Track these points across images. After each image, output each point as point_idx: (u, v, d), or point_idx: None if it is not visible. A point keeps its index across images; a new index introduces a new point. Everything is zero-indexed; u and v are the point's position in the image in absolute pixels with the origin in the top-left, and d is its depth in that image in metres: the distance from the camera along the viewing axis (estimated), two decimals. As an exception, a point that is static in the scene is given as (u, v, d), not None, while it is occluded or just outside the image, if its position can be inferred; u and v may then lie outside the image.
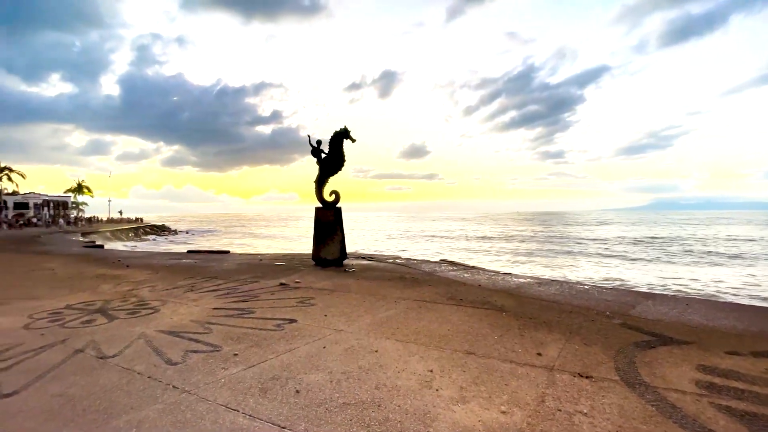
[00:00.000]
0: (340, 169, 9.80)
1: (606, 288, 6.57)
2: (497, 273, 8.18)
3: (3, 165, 41.91)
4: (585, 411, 2.49)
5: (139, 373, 3.08)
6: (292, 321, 4.51)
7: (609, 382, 2.90)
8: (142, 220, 55.79)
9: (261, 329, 4.21)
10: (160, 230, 48.31)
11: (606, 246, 32.69)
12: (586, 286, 6.70)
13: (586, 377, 2.99)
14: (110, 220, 51.75)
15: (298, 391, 2.76)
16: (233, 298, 5.81)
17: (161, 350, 3.59)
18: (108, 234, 33.12)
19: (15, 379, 2.97)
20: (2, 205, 41.34)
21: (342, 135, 9.57)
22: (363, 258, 10.51)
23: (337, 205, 9.45)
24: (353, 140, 9.66)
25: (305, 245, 22.60)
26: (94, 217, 54.30)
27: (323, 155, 9.74)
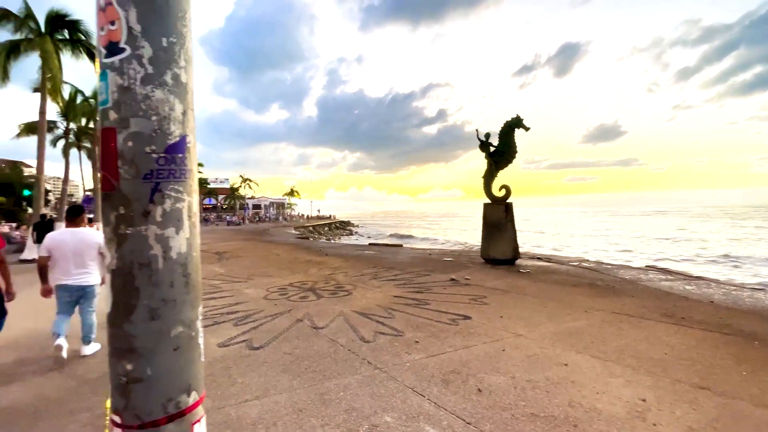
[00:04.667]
0: (511, 161, 9.25)
1: None
2: (741, 287, 6.12)
3: (246, 177, 58.02)
4: None
5: (341, 345, 3.61)
6: (466, 317, 4.48)
7: None
8: (335, 217, 66.49)
9: (437, 321, 4.34)
10: (346, 225, 56.59)
11: None
12: None
13: None
14: (316, 217, 63.67)
15: (480, 390, 2.69)
16: (409, 288, 6.22)
17: (356, 328, 4.13)
18: (311, 228, 40.83)
19: (261, 337, 3.93)
20: (246, 206, 56.78)
21: (514, 125, 9.01)
22: (539, 258, 9.63)
23: (508, 201, 8.94)
24: (527, 129, 8.97)
25: (472, 242, 22.38)
26: (301, 215, 68.04)
27: (492, 148, 9.40)
